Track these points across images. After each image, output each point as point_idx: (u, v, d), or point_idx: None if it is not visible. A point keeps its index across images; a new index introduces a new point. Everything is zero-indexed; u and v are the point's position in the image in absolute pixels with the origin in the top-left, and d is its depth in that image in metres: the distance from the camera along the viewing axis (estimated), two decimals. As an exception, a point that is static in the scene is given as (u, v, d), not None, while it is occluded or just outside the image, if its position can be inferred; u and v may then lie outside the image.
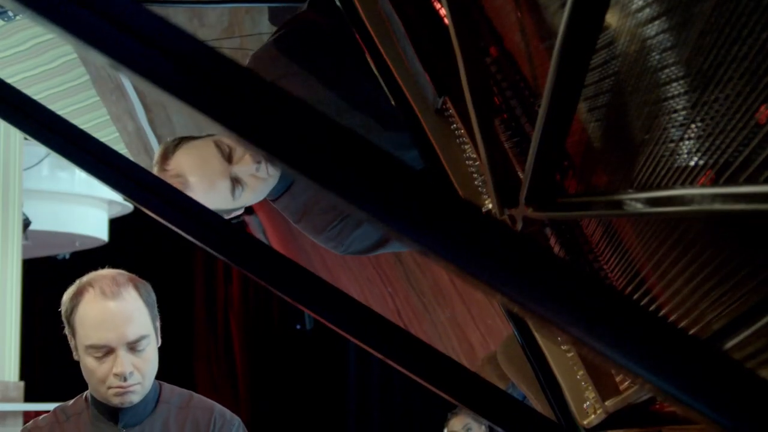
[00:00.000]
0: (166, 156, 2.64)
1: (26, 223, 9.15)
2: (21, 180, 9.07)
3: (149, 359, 2.69)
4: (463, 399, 1.75)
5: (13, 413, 8.65)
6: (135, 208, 11.29)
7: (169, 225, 1.67)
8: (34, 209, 9.55)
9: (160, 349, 2.73)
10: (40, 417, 2.85)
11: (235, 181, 2.59)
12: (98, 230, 11.15)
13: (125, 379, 2.62)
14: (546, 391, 1.96)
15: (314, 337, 12.78)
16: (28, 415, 9.10)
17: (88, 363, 2.65)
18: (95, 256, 11.73)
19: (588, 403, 1.86)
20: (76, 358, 2.73)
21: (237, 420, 2.83)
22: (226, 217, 2.60)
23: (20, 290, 9.00)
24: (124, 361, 2.62)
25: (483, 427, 5.93)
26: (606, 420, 1.77)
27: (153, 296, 2.76)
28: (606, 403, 1.74)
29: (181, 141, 2.66)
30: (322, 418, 12.99)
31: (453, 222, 0.75)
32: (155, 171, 2.57)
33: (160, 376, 2.83)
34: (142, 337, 2.65)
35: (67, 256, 12.21)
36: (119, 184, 1.66)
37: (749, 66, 1.04)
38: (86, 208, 10.85)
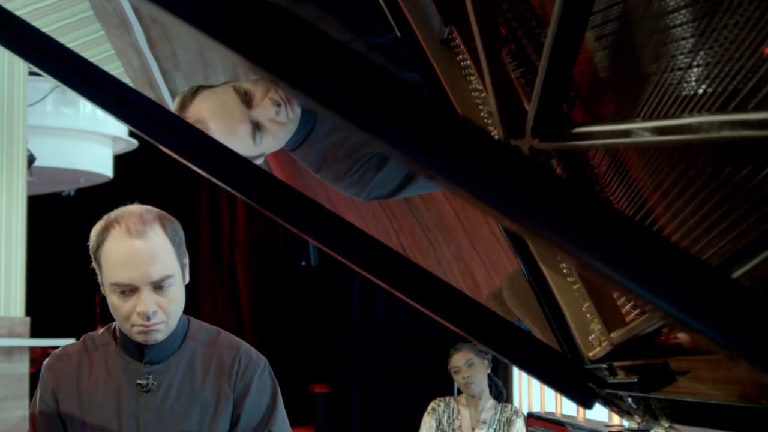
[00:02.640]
0: (184, 104, 2.63)
1: (31, 160, 9.15)
2: (25, 116, 9.06)
3: (174, 298, 2.68)
4: (468, 329, 1.75)
5: (19, 349, 8.70)
6: (140, 144, 11.31)
7: (177, 156, 1.66)
8: (39, 145, 9.54)
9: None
10: (69, 344, 2.86)
11: (256, 126, 2.59)
12: (103, 167, 11.15)
13: (148, 318, 2.62)
14: (551, 324, 1.97)
15: (319, 274, 12.82)
16: (33, 351, 9.17)
17: (113, 300, 2.64)
18: (100, 192, 11.75)
19: (593, 335, 1.86)
20: (103, 292, 2.72)
21: (263, 360, 2.83)
22: None
23: (25, 227, 9.02)
24: (147, 300, 2.61)
25: (486, 362, 5.96)
26: (611, 352, 1.77)
27: (181, 234, 2.74)
28: (611, 334, 1.74)
29: (198, 89, 2.66)
30: (325, 353, 13.05)
31: (466, 146, 0.74)
32: None
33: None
34: (166, 277, 2.63)
35: (72, 193, 12.22)
36: (125, 115, 1.65)
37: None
38: (91, 144, 10.84)
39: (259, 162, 2.73)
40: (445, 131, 0.74)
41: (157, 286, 2.62)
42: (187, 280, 2.76)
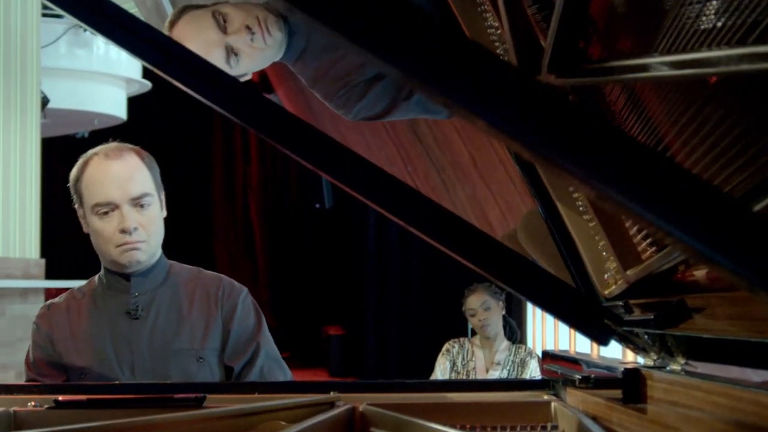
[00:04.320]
0: (172, 23, 2.79)
1: (44, 101, 9.14)
2: (39, 58, 9.04)
3: (153, 218, 2.78)
4: (485, 266, 1.75)
5: (35, 290, 8.74)
6: (153, 86, 11.27)
7: (192, 92, 1.65)
8: (52, 87, 9.54)
9: (179, 229, 2.80)
10: (57, 297, 2.97)
11: (230, 50, 2.72)
12: (117, 108, 11.14)
13: (130, 234, 2.72)
14: (567, 262, 1.96)
15: (333, 216, 12.83)
16: (49, 292, 9.19)
17: (95, 224, 2.75)
18: (114, 134, 11.69)
19: (609, 273, 1.86)
20: (86, 230, 2.84)
21: (245, 289, 2.92)
22: None
23: (40, 169, 9.03)
24: (128, 216, 2.71)
25: (501, 304, 5.96)
26: (627, 289, 1.77)
27: (156, 167, 2.85)
28: (627, 272, 1.74)
29: (184, 9, 2.79)
30: (339, 295, 13.08)
31: (482, 73, 0.74)
32: None
33: (179, 256, 2.92)
34: (145, 194, 2.74)
35: (86, 135, 12.22)
36: (138, 49, 1.64)
37: None
38: (104, 86, 10.83)
39: (244, 80, 2.90)
40: (461, 58, 0.74)
41: (137, 204, 2.73)
42: (165, 213, 2.85)
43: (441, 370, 6.01)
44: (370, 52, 0.76)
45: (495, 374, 5.84)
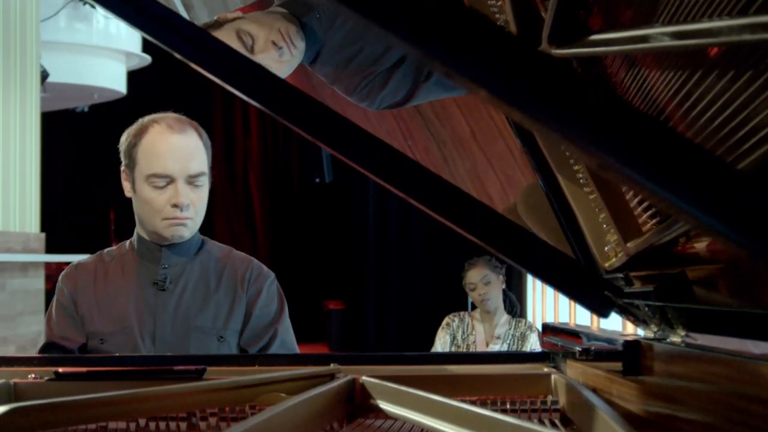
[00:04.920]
0: None
1: (44, 75, 9.12)
2: (38, 31, 9.02)
3: (203, 197, 2.81)
4: (485, 238, 1.75)
5: (35, 264, 8.74)
6: (153, 60, 11.25)
7: (193, 64, 1.65)
8: (52, 61, 9.51)
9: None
10: (85, 257, 2.96)
11: None
12: (116, 82, 11.13)
13: (182, 210, 2.73)
14: (567, 235, 1.96)
15: (333, 190, 12.83)
16: (49, 267, 9.21)
17: (147, 193, 2.75)
18: (113, 108, 11.74)
19: (609, 246, 1.86)
20: (128, 194, 2.84)
21: (272, 275, 2.93)
22: None
23: (39, 143, 9.02)
24: (182, 192, 2.73)
25: (501, 278, 5.97)
26: (627, 262, 1.77)
27: (210, 145, 2.87)
28: (628, 244, 1.73)
29: (206, 30, 2.75)
30: (340, 270, 13.09)
31: (486, 45, 0.74)
32: None
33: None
34: (201, 174, 2.77)
35: (86, 109, 12.21)
36: (140, 24, 1.64)
37: None
38: (104, 60, 10.81)
39: None
40: (462, 28, 0.74)
41: (192, 182, 2.75)
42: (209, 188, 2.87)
43: (441, 344, 6.02)
44: (370, 21, 0.76)
45: (495, 348, 5.86)
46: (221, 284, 2.83)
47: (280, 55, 2.74)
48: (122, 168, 2.82)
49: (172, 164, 2.72)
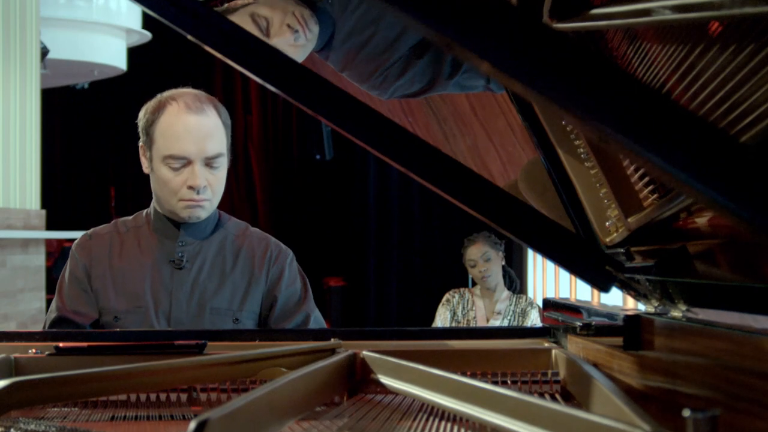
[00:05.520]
0: None
1: (44, 52, 9.11)
2: (38, 7, 9.01)
3: (221, 178, 2.77)
4: (486, 213, 1.75)
5: (35, 240, 8.75)
6: (153, 36, 11.23)
7: (195, 39, 1.65)
8: (52, 37, 9.50)
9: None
10: (100, 227, 2.93)
11: None
12: (116, 59, 11.11)
13: (198, 192, 2.71)
14: (568, 210, 1.96)
15: (333, 167, 12.82)
16: (50, 243, 9.22)
17: (164, 173, 2.72)
18: (114, 85, 11.72)
19: (610, 221, 1.86)
20: (146, 170, 2.81)
21: (291, 252, 2.92)
22: None
23: (40, 119, 9.02)
24: (199, 173, 2.70)
25: (501, 254, 5.98)
26: (628, 237, 1.77)
27: (230, 123, 2.82)
28: (629, 219, 1.73)
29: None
30: (340, 247, 13.09)
31: (489, 17, 0.73)
32: None
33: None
34: (219, 155, 2.73)
35: (86, 86, 12.20)
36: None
37: None
38: (104, 36, 10.79)
39: None
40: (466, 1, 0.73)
41: (209, 163, 2.72)
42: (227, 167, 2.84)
43: (441, 320, 6.04)
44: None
45: (495, 323, 5.87)
46: (237, 264, 2.82)
47: (295, 39, 2.72)
48: (140, 143, 2.80)
49: (189, 146, 2.68)
